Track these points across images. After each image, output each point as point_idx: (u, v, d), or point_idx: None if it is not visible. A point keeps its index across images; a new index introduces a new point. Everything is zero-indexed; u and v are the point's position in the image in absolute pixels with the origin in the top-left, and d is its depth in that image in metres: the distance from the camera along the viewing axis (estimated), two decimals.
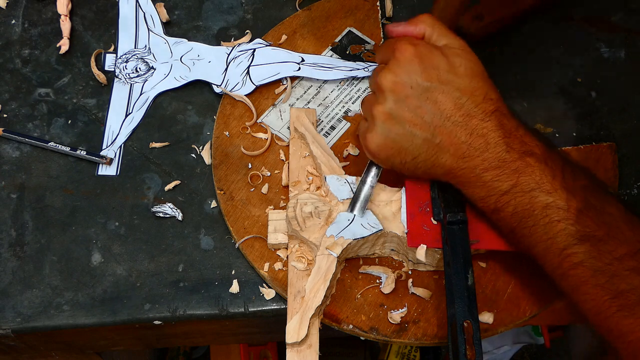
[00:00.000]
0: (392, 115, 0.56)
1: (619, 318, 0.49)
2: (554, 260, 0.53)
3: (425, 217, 0.60)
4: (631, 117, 0.73)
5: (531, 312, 0.61)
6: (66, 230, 0.67)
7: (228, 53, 0.76)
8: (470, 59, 0.57)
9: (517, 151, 0.54)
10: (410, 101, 0.56)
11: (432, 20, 0.59)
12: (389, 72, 0.56)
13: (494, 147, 0.54)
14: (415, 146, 0.56)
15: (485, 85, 0.56)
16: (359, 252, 0.63)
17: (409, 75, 0.55)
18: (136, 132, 0.72)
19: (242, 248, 0.65)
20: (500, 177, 0.54)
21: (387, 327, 0.61)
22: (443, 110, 0.55)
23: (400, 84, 0.56)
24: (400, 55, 0.56)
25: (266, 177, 0.68)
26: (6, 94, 0.74)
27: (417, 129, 0.56)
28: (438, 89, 0.55)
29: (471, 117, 0.55)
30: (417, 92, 0.55)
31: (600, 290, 0.50)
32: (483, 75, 0.57)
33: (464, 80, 0.55)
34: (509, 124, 0.55)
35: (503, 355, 1.23)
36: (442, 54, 0.56)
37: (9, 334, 0.62)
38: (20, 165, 0.70)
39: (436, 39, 0.58)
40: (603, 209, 0.52)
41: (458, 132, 0.55)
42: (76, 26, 0.79)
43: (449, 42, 0.58)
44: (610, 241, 0.51)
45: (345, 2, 0.79)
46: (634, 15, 0.79)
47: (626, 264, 0.50)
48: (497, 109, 0.55)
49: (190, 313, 0.63)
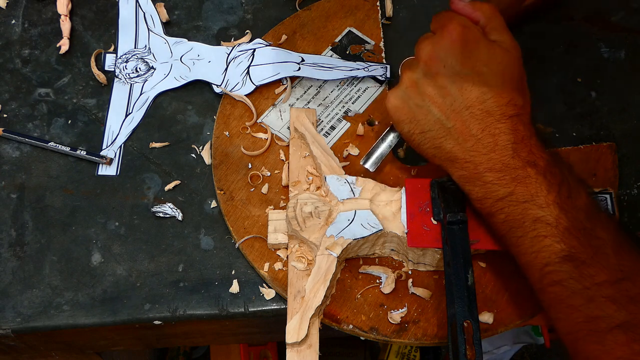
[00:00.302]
0: (417, 84, 0.57)
1: (586, 342, 0.50)
2: (535, 274, 0.53)
3: (425, 217, 0.60)
4: (631, 117, 0.73)
5: (531, 312, 0.61)
6: (66, 230, 0.67)
7: (228, 53, 0.76)
8: (512, 62, 0.57)
9: (522, 159, 0.54)
10: (438, 79, 0.56)
11: (491, 12, 0.59)
12: (429, 44, 0.57)
13: (501, 150, 0.54)
14: (427, 122, 0.57)
15: (514, 91, 0.56)
16: (359, 252, 0.63)
17: (447, 55, 0.56)
18: (136, 132, 0.72)
19: (242, 248, 0.65)
20: (500, 181, 0.54)
21: (387, 327, 0.61)
22: (466, 98, 0.55)
23: (435, 59, 0.56)
24: (447, 33, 0.56)
25: (266, 177, 0.68)
26: (6, 94, 0.74)
27: (434, 106, 0.56)
28: (469, 77, 0.55)
29: (489, 115, 0.55)
30: (448, 73, 0.56)
31: (575, 312, 0.50)
32: (519, 81, 0.57)
33: (496, 78, 0.55)
34: (523, 132, 0.55)
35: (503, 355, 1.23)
36: (488, 48, 0.56)
37: (9, 334, 0.62)
38: (20, 165, 0.70)
39: (489, 31, 0.58)
40: (593, 231, 0.52)
41: (472, 123, 0.55)
42: (76, 26, 0.79)
43: (500, 38, 0.58)
44: (594, 265, 0.50)
45: (345, 2, 0.79)
46: (634, 15, 0.79)
47: (604, 290, 0.50)
48: (517, 114, 0.55)
49: (190, 313, 0.63)
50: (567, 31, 0.78)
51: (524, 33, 0.78)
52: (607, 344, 0.48)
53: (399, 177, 0.68)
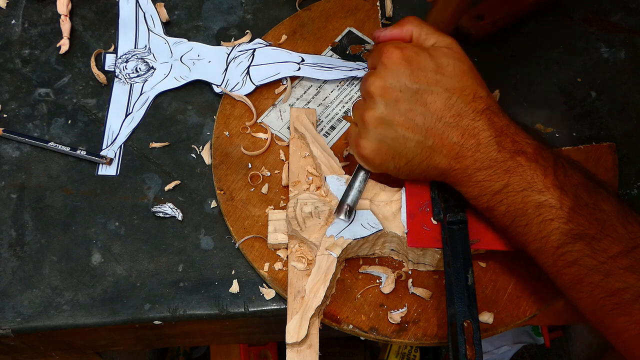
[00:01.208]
0: (383, 119, 0.56)
1: (614, 316, 0.50)
2: (548, 259, 0.53)
3: (425, 217, 0.60)
4: (631, 117, 0.73)
5: (531, 312, 0.61)
6: (66, 230, 0.67)
7: (228, 53, 0.76)
8: (458, 57, 0.57)
9: (509, 150, 0.54)
10: (401, 105, 0.55)
11: (418, 21, 0.60)
12: (377, 78, 0.56)
13: (485, 147, 0.54)
14: (409, 149, 0.56)
15: (474, 83, 0.56)
16: (359, 252, 0.63)
17: (398, 79, 0.55)
18: (136, 132, 0.72)
19: (242, 248, 0.65)
20: (491, 177, 0.54)
21: (387, 327, 0.61)
22: (434, 111, 0.55)
23: (389, 89, 0.56)
24: (387, 60, 0.56)
25: (266, 177, 0.68)
26: (6, 94, 0.74)
27: (409, 132, 0.56)
28: (427, 90, 0.55)
29: (462, 117, 0.55)
30: (407, 95, 0.55)
31: (595, 288, 0.50)
32: (472, 72, 0.57)
33: (453, 79, 0.55)
34: (499, 122, 0.55)
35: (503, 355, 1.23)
36: (429, 55, 0.56)
37: (9, 334, 0.62)
38: (20, 165, 0.70)
39: (424, 38, 0.59)
40: (596, 206, 0.52)
41: (450, 133, 0.55)
42: (76, 26, 0.79)
43: (436, 41, 0.58)
44: (604, 239, 0.51)
45: (345, 2, 0.79)
46: (634, 15, 0.79)
47: (620, 262, 0.50)
48: (487, 106, 0.55)
49: (190, 313, 0.63)
50: (567, 31, 0.78)
51: (524, 33, 0.78)
52: (635, 312, 0.48)
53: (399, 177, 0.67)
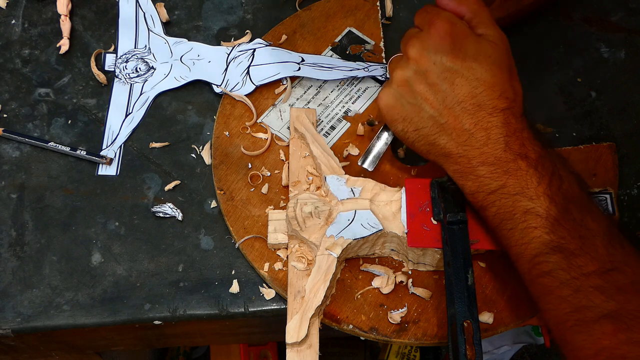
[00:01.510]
0: (408, 83, 0.57)
1: (574, 332, 0.50)
2: (524, 265, 0.54)
3: (425, 217, 0.60)
4: (631, 117, 0.73)
5: (531, 312, 0.61)
6: (66, 230, 0.67)
7: (228, 53, 0.76)
8: (502, 54, 0.57)
9: (514, 152, 0.54)
10: (429, 76, 0.56)
11: (477, 6, 0.59)
12: (418, 42, 0.57)
13: (493, 143, 0.54)
14: (421, 119, 0.57)
15: (506, 84, 0.56)
16: (359, 252, 0.63)
17: (436, 52, 0.56)
18: (136, 132, 0.72)
19: (242, 248, 0.65)
20: (492, 174, 0.54)
21: (387, 327, 0.61)
22: (457, 94, 0.55)
23: (424, 57, 0.56)
24: (434, 30, 0.56)
25: (266, 177, 0.68)
26: (6, 94, 0.74)
27: (427, 103, 0.56)
28: (459, 72, 0.55)
29: (481, 109, 0.55)
30: (438, 70, 0.56)
31: (563, 302, 0.51)
32: (509, 73, 0.57)
33: (487, 72, 0.55)
34: (515, 125, 0.55)
35: (503, 355, 1.23)
36: (476, 42, 0.56)
37: (9, 334, 0.62)
38: (20, 165, 0.70)
39: (475, 25, 0.58)
40: (583, 223, 0.52)
41: (464, 118, 0.55)
42: (76, 26, 0.79)
43: (487, 32, 0.58)
44: (582, 256, 0.51)
45: (345, 2, 0.79)
46: (634, 15, 0.79)
47: (592, 281, 0.50)
48: (508, 107, 0.55)
49: (190, 313, 0.63)
50: (567, 31, 0.78)
51: (524, 33, 0.78)
52: (594, 333, 0.48)
53: (399, 177, 0.68)
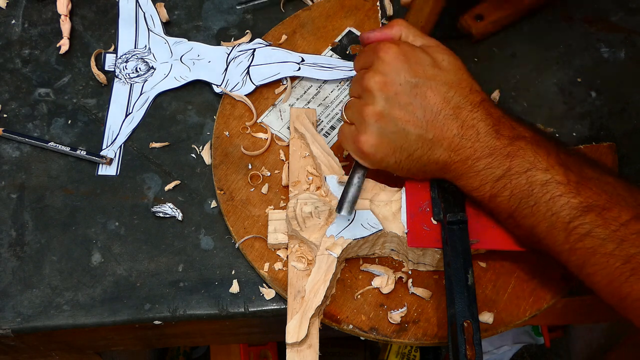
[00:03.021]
0: (384, 114, 0.56)
1: (632, 282, 0.49)
2: (559, 236, 0.53)
3: (425, 217, 0.60)
4: (631, 117, 0.73)
5: (531, 312, 0.61)
6: (66, 230, 0.67)
7: (228, 53, 0.76)
8: (450, 54, 0.58)
9: (507, 137, 0.55)
10: (401, 98, 0.56)
11: (406, 24, 0.61)
12: (375, 73, 0.57)
13: (484, 136, 0.55)
14: (410, 143, 0.57)
15: (469, 78, 0.57)
16: (359, 252, 0.63)
17: (397, 73, 0.56)
18: (136, 132, 0.72)
19: (242, 248, 0.65)
20: (492, 164, 0.55)
21: (387, 327, 0.61)
22: (433, 104, 0.56)
23: (388, 83, 0.56)
24: (384, 55, 0.57)
25: (266, 177, 0.68)
26: (6, 94, 0.74)
27: (409, 125, 0.56)
28: (426, 84, 0.56)
29: (460, 109, 0.56)
30: (406, 89, 0.56)
31: (611, 258, 0.50)
32: (465, 68, 0.58)
33: (449, 74, 0.57)
34: (496, 113, 0.56)
35: (503, 355, 1.23)
36: (425, 51, 0.58)
37: (9, 334, 0.62)
38: (20, 165, 0.70)
39: (412, 39, 0.60)
40: (601, 178, 0.53)
41: (449, 125, 0.56)
42: (76, 26, 0.79)
43: (425, 42, 0.59)
44: (614, 208, 0.51)
45: (345, 2, 0.79)
46: (634, 15, 0.79)
47: (632, 227, 0.50)
48: (483, 99, 0.56)
49: (190, 313, 0.63)
50: (567, 31, 0.78)
51: (524, 33, 0.78)
52: None
53: (399, 177, 0.67)
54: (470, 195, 0.57)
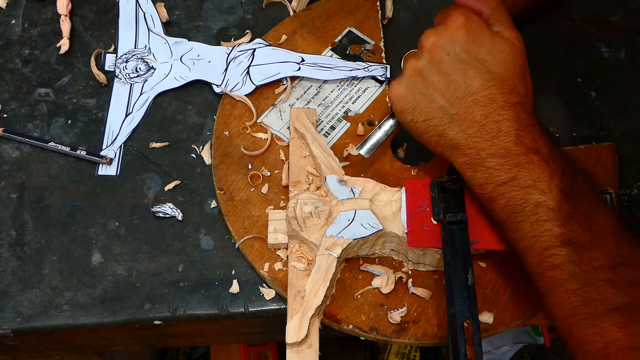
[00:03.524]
0: (421, 72, 0.58)
1: (582, 326, 0.50)
2: (534, 258, 0.53)
3: (425, 217, 0.60)
4: (631, 117, 0.73)
5: (531, 312, 0.61)
6: (66, 230, 0.67)
7: (228, 53, 0.76)
8: (516, 52, 0.57)
9: (525, 146, 0.54)
10: (443, 66, 0.57)
11: (496, 4, 0.60)
12: (433, 34, 0.58)
13: (504, 136, 0.55)
14: (431, 109, 0.58)
15: (517, 80, 0.57)
16: (359, 252, 0.63)
17: (450, 43, 0.57)
18: (136, 132, 0.72)
19: (242, 248, 0.65)
20: (502, 166, 0.54)
21: (387, 327, 0.61)
22: (469, 85, 0.56)
23: (438, 48, 0.57)
24: (450, 23, 0.57)
25: (266, 177, 0.68)
26: (6, 94, 0.74)
27: (438, 94, 0.57)
28: (472, 64, 0.56)
29: (492, 101, 0.55)
30: (452, 61, 0.56)
31: (572, 296, 0.50)
32: (522, 70, 0.58)
33: (500, 67, 0.56)
34: (526, 119, 0.55)
35: (503, 355, 1.23)
36: (491, 37, 0.57)
37: (9, 334, 0.62)
38: (20, 165, 0.70)
39: (492, 22, 0.59)
40: (593, 218, 0.52)
41: (475, 110, 0.56)
42: (76, 26, 0.79)
43: (503, 29, 0.59)
44: (593, 250, 0.51)
45: (345, 2, 0.79)
46: (634, 15, 0.79)
47: (603, 274, 0.50)
48: (519, 102, 0.56)
49: (190, 313, 0.63)
50: (567, 31, 0.78)
51: (524, 33, 0.77)
52: (604, 326, 0.48)
53: (399, 177, 0.68)
54: (473, 190, 0.57)
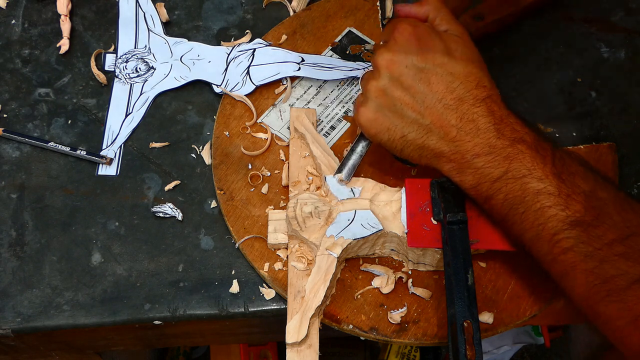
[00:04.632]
0: (385, 92, 0.57)
1: (606, 303, 0.50)
2: (544, 246, 0.53)
3: (425, 217, 0.60)
4: (631, 117, 0.73)
5: (531, 312, 0.61)
6: (66, 230, 0.67)
7: (228, 53, 0.76)
8: (468, 46, 0.58)
9: (508, 138, 0.54)
10: (404, 80, 0.57)
11: (438, 4, 0.60)
12: (386, 51, 0.58)
13: (484, 133, 0.54)
14: (405, 125, 0.57)
15: (480, 72, 0.57)
16: (359, 252, 0.63)
17: (405, 55, 0.57)
18: (136, 132, 0.72)
19: (242, 248, 0.65)
20: (491, 163, 0.54)
21: (387, 327, 0.61)
22: (435, 91, 0.56)
23: (395, 63, 0.57)
24: (399, 35, 0.57)
25: (266, 177, 0.68)
26: (6, 94, 0.74)
27: (407, 108, 0.57)
28: (432, 70, 0.56)
29: (462, 102, 0.55)
30: (412, 72, 0.56)
31: (590, 276, 0.50)
32: (479, 62, 0.58)
33: (459, 64, 0.56)
34: (499, 112, 0.55)
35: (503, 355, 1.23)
36: (440, 38, 0.57)
37: (9, 334, 0.62)
38: (20, 165, 0.70)
39: (439, 23, 0.60)
40: (593, 193, 0.52)
41: (448, 115, 0.55)
42: (76, 26, 0.79)
43: (450, 28, 0.59)
44: (600, 226, 0.51)
45: (345, 2, 0.79)
46: (634, 15, 0.79)
47: (615, 249, 0.50)
48: (488, 96, 0.56)
49: (190, 313, 0.63)
50: (567, 31, 0.78)
51: (524, 33, 0.78)
52: (628, 300, 0.48)
53: (399, 177, 0.68)
54: (468, 193, 0.57)
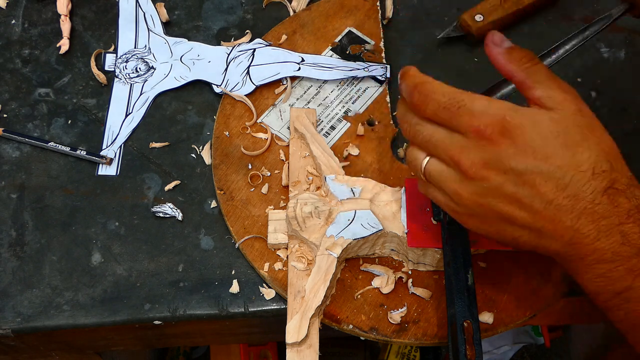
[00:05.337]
0: (483, 205, 0.48)
1: None
2: None
3: (425, 217, 0.60)
4: (631, 117, 0.73)
5: (531, 312, 0.61)
6: (66, 230, 0.67)
7: (228, 53, 0.76)
8: (573, 118, 0.47)
9: (634, 245, 0.45)
10: (506, 188, 0.46)
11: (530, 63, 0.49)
12: (474, 153, 0.47)
13: (605, 237, 0.45)
14: (514, 230, 0.48)
15: (593, 155, 0.46)
16: (359, 252, 0.63)
17: (500, 160, 0.46)
18: (136, 132, 0.72)
19: (242, 248, 0.65)
20: (612, 273, 0.46)
21: (387, 327, 0.61)
22: (543, 193, 0.46)
23: (492, 172, 0.46)
24: (484, 129, 0.46)
25: (266, 177, 0.68)
26: (6, 94, 0.74)
27: (514, 217, 0.47)
28: (535, 170, 0.45)
29: (578, 200, 0.45)
30: (512, 178, 0.46)
31: None
32: (591, 134, 0.47)
33: (565, 154, 0.45)
34: (626, 204, 0.45)
35: (503, 355, 1.23)
36: (534, 123, 0.46)
37: (9, 334, 0.62)
38: (20, 165, 0.70)
39: (530, 86, 0.48)
40: None
41: (562, 217, 0.46)
42: (76, 26, 0.79)
43: (545, 93, 0.48)
44: None
45: (345, 2, 0.79)
46: None
47: None
48: (610, 185, 0.45)
49: (190, 313, 0.63)
50: (567, 31, 0.78)
51: (524, 33, 0.78)
52: None
53: (399, 177, 0.68)
54: (588, 295, 0.50)
